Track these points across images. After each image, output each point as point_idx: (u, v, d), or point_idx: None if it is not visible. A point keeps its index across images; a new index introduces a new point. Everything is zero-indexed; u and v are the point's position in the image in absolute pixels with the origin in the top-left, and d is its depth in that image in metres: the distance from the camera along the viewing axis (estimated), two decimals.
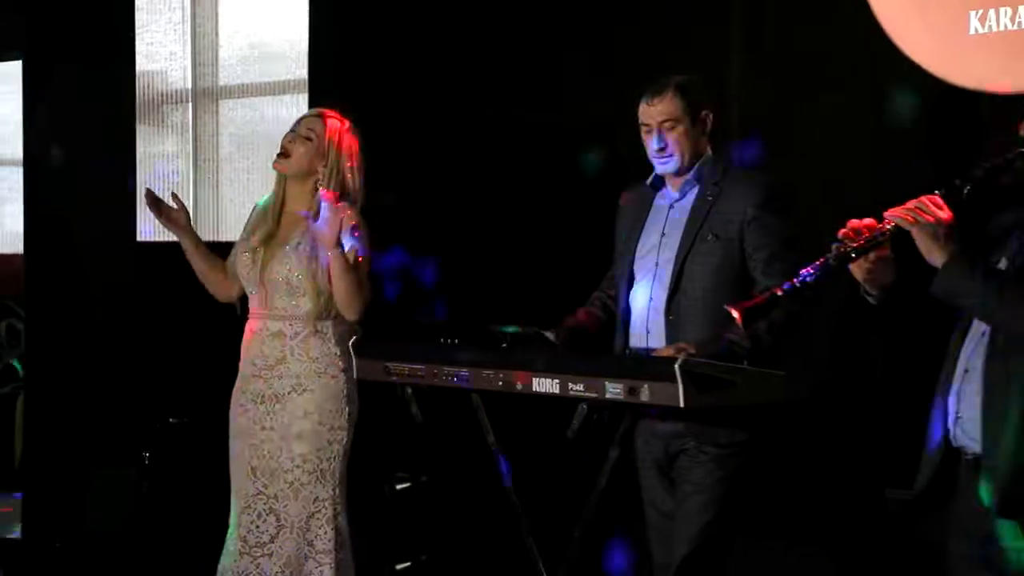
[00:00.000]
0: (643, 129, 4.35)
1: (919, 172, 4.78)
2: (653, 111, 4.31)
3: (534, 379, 4.00)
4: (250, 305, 4.78)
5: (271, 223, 4.76)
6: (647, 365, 3.81)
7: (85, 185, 6.13)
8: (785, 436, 4.29)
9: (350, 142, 4.72)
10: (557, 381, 3.94)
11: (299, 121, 4.74)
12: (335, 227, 4.42)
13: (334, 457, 4.63)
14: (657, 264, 4.33)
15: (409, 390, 4.30)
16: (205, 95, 8.09)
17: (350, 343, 4.47)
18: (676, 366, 3.67)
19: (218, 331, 6.24)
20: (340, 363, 4.63)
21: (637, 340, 4.32)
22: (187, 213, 4.78)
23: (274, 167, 4.73)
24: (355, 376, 4.51)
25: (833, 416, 4.75)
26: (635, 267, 4.39)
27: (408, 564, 5.95)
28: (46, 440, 6.06)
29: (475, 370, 4.14)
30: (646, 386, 3.75)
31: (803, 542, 4.75)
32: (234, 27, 7.90)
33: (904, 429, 4.60)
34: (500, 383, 4.08)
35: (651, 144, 4.32)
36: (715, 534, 4.18)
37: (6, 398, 6.08)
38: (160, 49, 8.09)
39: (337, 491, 4.62)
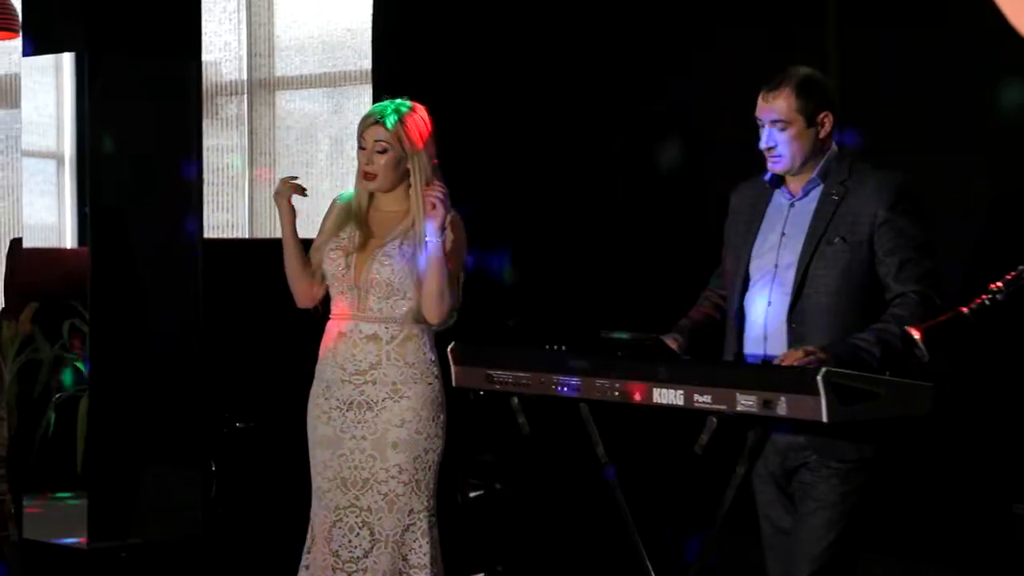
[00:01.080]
0: (758, 123, 4.10)
1: None
2: (767, 108, 4.04)
3: (655, 390, 3.75)
4: (335, 306, 4.55)
5: (363, 224, 4.54)
6: (782, 375, 3.55)
7: (149, 181, 5.89)
8: (909, 449, 4.04)
9: (421, 131, 4.49)
10: (681, 392, 3.69)
11: (362, 135, 4.48)
12: (443, 213, 4.30)
13: (429, 467, 4.43)
14: (777, 266, 4.08)
15: (516, 400, 4.05)
16: (261, 86, 7.88)
17: (449, 349, 4.24)
18: (819, 377, 3.42)
19: (286, 332, 6.06)
20: (435, 368, 4.45)
21: (753, 346, 4.06)
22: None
23: (363, 189, 4.50)
24: (454, 384, 4.26)
25: (957, 428, 4.50)
26: (751, 268, 4.14)
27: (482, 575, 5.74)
28: (110, 445, 5.84)
29: (588, 379, 3.89)
30: (783, 398, 3.50)
31: (928, 559, 4.51)
32: (291, 16, 7.69)
33: None
34: (616, 394, 3.83)
35: (762, 142, 4.08)
36: (839, 553, 3.94)
37: (69, 401, 5.86)
38: (214, 39, 7.89)
39: (431, 502, 4.42)
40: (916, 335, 2.99)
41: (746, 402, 3.57)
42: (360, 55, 7.31)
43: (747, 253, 4.14)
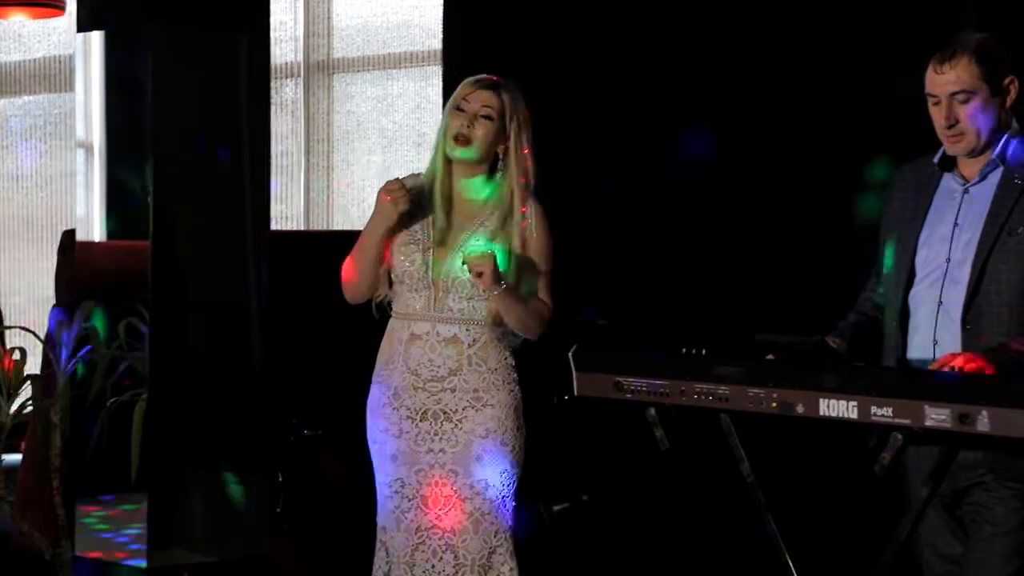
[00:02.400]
0: (930, 100, 3.61)
1: None
2: (943, 80, 3.56)
3: (821, 400, 3.26)
4: (402, 306, 4.07)
5: (441, 215, 4.06)
6: (983, 384, 3.05)
7: (213, 172, 5.40)
8: None
9: (526, 115, 4.04)
10: (855, 404, 3.20)
11: (468, 95, 4.01)
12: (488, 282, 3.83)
13: (513, 481, 4.04)
14: (949, 260, 3.59)
15: (652, 411, 3.56)
16: (318, 69, 7.41)
17: (570, 354, 3.76)
18: None
19: (355, 332, 5.59)
20: (515, 374, 4.06)
21: (921, 350, 3.58)
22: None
23: (453, 154, 4.01)
24: (576, 393, 3.78)
25: None
26: (917, 262, 3.65)
27: None
28: (168, 453, 5.38)
29: (740, 388, 3.40)
30: (985, 412, 3.00)
31: None
32: None
33: None
34: (774, 404, 3.34)
35: (940, 119, 3.59)
36: None
37: (124, 405, 5.39)
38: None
39: (513, 520, 4.00)
40: None
41: (937, 416, 3.08)
42: (429, 34, 6.83)
43: (912, 245, 3.67)
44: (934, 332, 3.57)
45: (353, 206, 7.15)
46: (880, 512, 3.73)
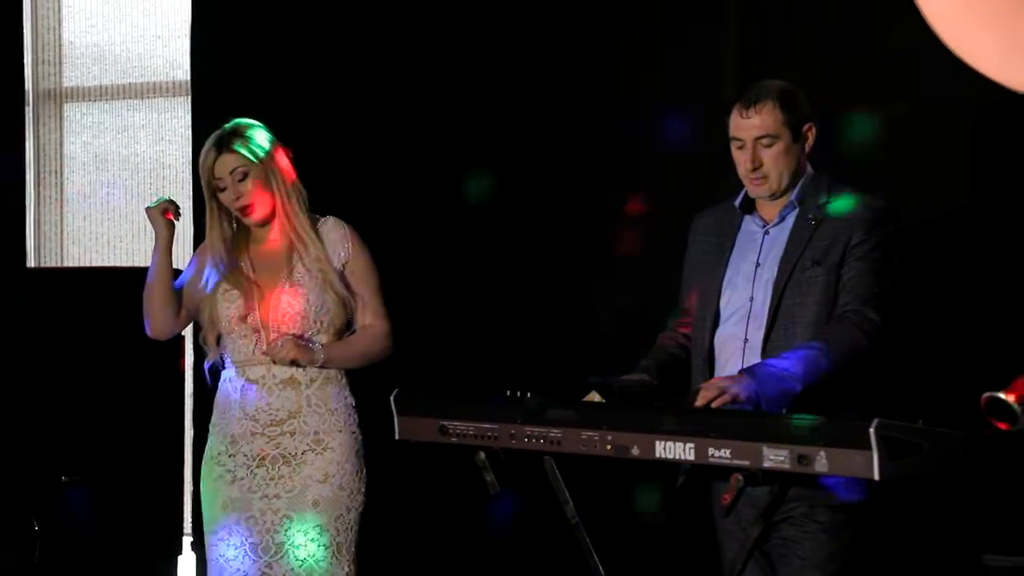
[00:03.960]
0: (734, 144, 3.75)
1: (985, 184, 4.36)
2: (748, 124, 3.70)
3: (657, 442, 3.33)
4: (235, 353, 4.00)
5: (247, 256, 4.01)
6: (821, 426, 3.17)
7: None
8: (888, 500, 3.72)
9: (275, 152, 4.01)
10: (692, 445, 3.28)
11: (212, 168, 3.98)
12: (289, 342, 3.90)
13: (351, 527, 3.98)
14: (752, 299, 3.73)
15: (482, 454, 3.56)
16: (48, 97, 7.12)
17: (392, 397, 3.73)
18: (872, 429, 3.05)
19: (118, 374, 5.39)
20: (356, 415, 4.04)
21: None
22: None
23: (249, 222, 4.00)
24: (397, 436, 3.75)
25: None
26: (721, 301, 3.78)
27: None
28: None
29: (572, 431, 3.44)
30: (823, 453, 3.12)
31: None
32: (87, 22, 6.96)
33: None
34: (608, 447, 3.39)
35: (744, 162, 3.73)
36: None
37: None
38: None
39: (353, 568, 3.93)
40: (1011, 398, 2.65)
41: (775, 457, 3.19)
42: (171, 65, 6.66)
43: (717, 286, 3.79)
44: (741, 369, 3.68)
45: (90, 239, 6.90)
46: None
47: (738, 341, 3.73)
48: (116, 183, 6.78)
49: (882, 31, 4.52)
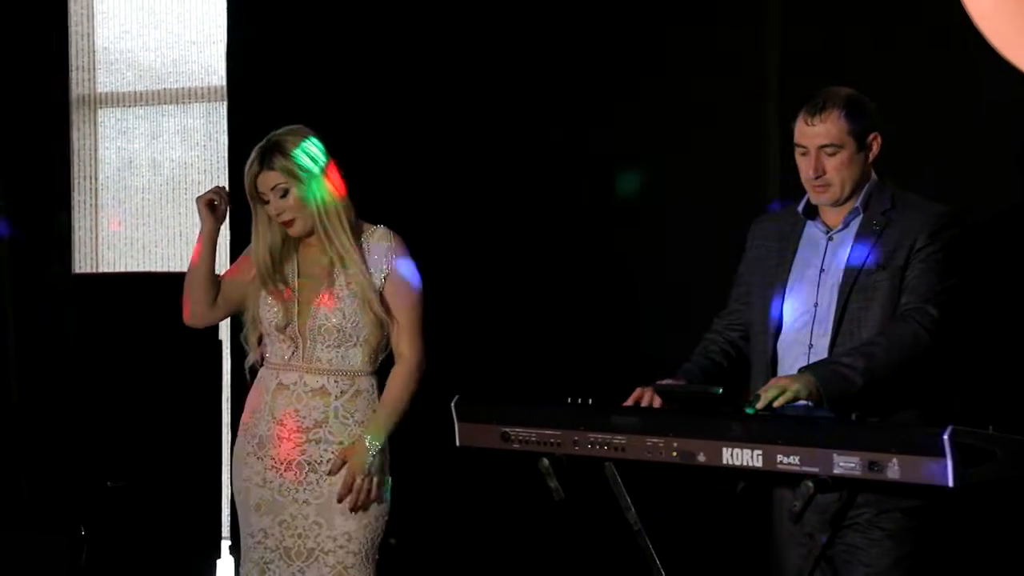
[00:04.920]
0: (798, 150, 3.75)
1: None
2: (812, 132, 3.70)
3: (724, 449, 3.32)
4: (272, 354, 4.01)
5: (295, 257, 4.01)
6: (891, 432, 3.16)
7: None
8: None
9: (324, 167, 3.99)
10: (760, 452, 3.28)
11: (255, 182, 3.95)
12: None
13: (377, 535, 4.00)
14: (817, 305, 3.72)
15: (546, 461, 3.56)
16: (82, 103, 7.12)
17: (452, 403, 3.73)
18: (946, 436, 3.04)
19: (163, 378, 5.40)
20: None
21: None
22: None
23: (290, 233, 3.98)
24: (457, 443, 3.75)
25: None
26: (784, 308, 3.77)
27: None
28: None
29: (636, 437, 3.43)
30: (895, 460, 3.12)
31: None
32: (121, 27, 6.96)
33: None
34: (674, 453, 3.39)
35: (807, 170, 3.72)
36: None
37: None
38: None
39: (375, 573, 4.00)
40: None
41: (846, 464, 3.18)
42: (208, 71, 6.66)
43: (779, 293, 3.78)
44: (800, 367, 3.67)
45: (124, 244, 6.90)
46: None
47: (802, 347, 3.72)
48: (150, 188, 6.78)
49: (936, 32, 4.52)
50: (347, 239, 3.93)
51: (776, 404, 3.41)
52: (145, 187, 6.85)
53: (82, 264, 7.09)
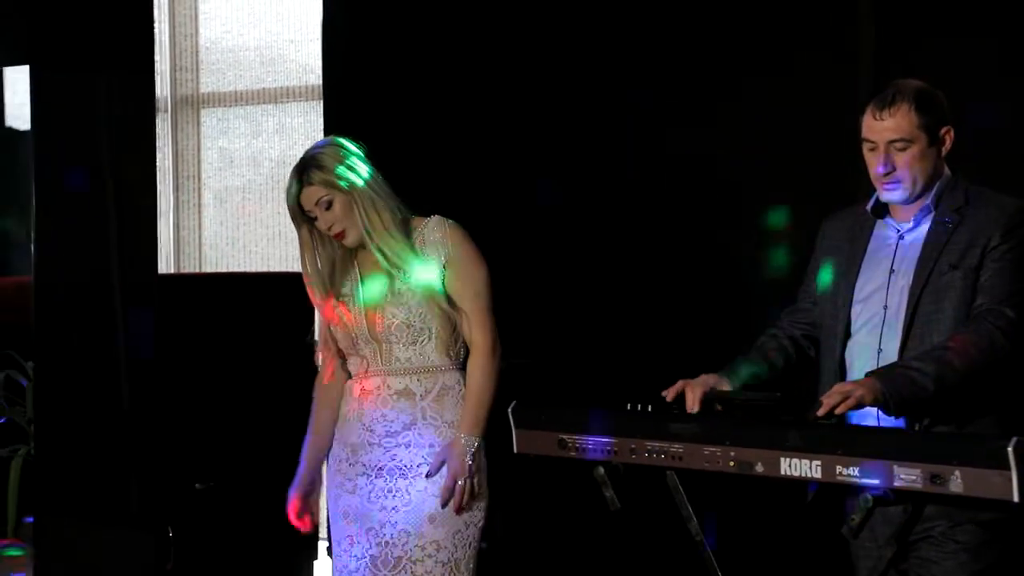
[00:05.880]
0: (866, 146, 3.58)
1: None
2: (881, 127, 3.52)
3: (782, 459, 3.19)
4: (352, 365, 3.96)
5: (355, 263, 3.94)
6: (954, 443, 3.01)
7: (99, 208, 5.15)
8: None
9: (360, 172, 3.90)
10: (819, 463, 3.14)
11: (297, 203, 3.87)
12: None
13: (470, 543, 3.85)
14: (886, 307, 3.56)
15: (601, 470, 3.46)
16: (186, 103, 7.18)
17: (509, 409, 3.64)
18: (1011, 448, 2.88)
19: (251, 380, 5.40)
20: None
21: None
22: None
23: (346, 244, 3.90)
24: (515, 450, 3.66)
25: None
26: (854, 312, 3.61)
27: None
28: (54, 508, 5.11)
29: (694, 446, 3.32)
30: (957, 472, 2.96)
31: None
32: (223, 27, 7.00)
33: None
34: (731, 463, 3.27)
35: (876, 166, 3.56)
36: None
37: (2, 461, 5.12)
38: None
39: None
40: None
41: (907, 476, 3.03)
42: (304, 70, 6.66)
43: (848, 295, 3.62)
44: (868, 371, 3.52)
45: (226, 244, 6.94)
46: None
47: (871, 351, 3.56)
48: (250, 188, 6.81)
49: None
50: (395, 243, 3.85)
51: (839, 411, 3.26)
52: (245, 187, 6.88)
53: (187, 264, 7.15)
